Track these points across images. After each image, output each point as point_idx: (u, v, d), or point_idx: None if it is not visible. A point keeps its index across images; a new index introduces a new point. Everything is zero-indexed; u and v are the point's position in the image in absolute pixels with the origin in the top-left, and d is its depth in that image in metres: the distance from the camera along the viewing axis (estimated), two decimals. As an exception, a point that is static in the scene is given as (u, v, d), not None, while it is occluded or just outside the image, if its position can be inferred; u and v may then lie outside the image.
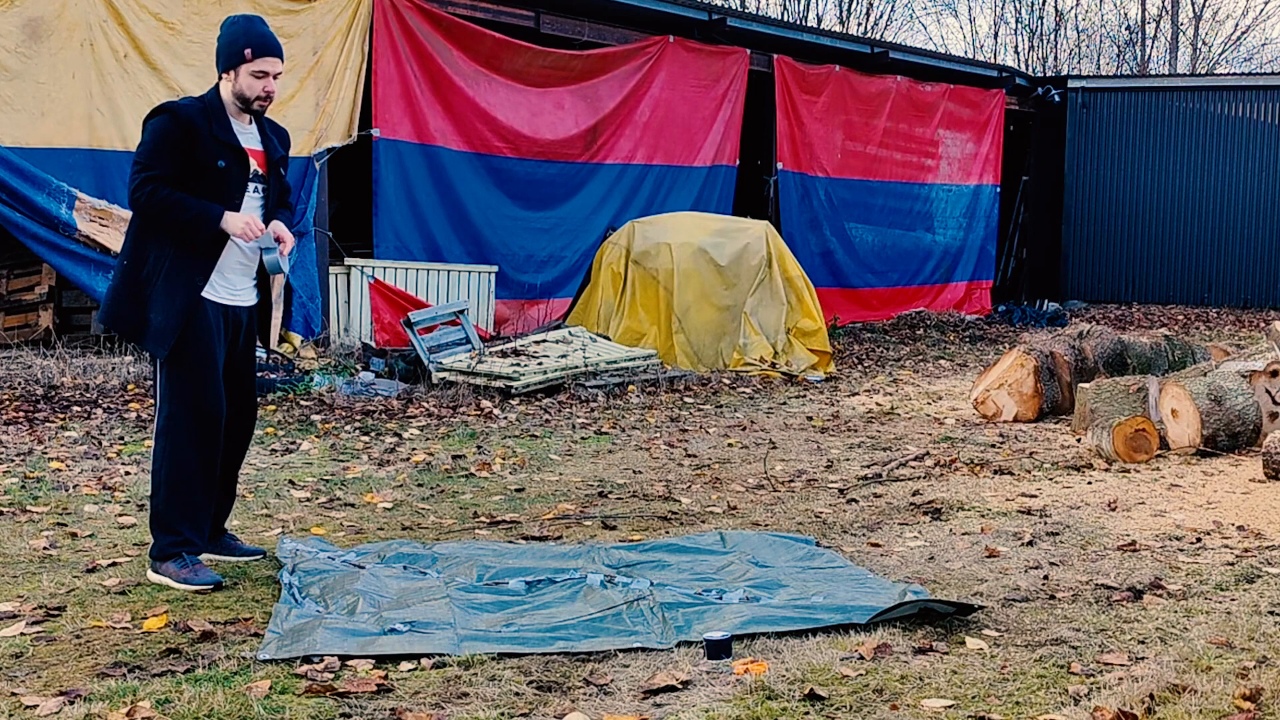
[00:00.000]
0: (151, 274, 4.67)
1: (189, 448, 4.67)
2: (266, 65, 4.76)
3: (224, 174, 4.69)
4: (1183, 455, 7.47)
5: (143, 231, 4.69)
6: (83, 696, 3.48)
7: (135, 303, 4.68)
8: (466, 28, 12.63)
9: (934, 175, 18.74)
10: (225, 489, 4.99)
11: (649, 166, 14.59)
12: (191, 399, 4.68)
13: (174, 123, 4.63)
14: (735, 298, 11.67)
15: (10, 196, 9.45)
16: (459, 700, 3.52)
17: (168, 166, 4.61)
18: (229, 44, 4.76)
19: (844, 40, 18.27)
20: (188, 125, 4.63)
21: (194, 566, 4.63)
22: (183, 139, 4.62)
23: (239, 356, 4.92)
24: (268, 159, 4.87)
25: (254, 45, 4.74)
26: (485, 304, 12.74)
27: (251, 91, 4.75)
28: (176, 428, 4.66)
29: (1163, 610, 4.41)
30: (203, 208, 4.63)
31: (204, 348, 4.69)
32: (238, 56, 4.73)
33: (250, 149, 4.81)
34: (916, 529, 5.69)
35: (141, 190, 4.60)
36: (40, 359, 9.79)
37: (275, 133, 4.99)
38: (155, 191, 4.59)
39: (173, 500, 4.67)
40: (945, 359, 13.58)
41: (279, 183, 4.94)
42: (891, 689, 3.61)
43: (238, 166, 4.74)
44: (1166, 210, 21.12)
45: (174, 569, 4.62)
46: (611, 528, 5.70)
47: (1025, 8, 39.61)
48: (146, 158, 4.62)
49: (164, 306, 4.64)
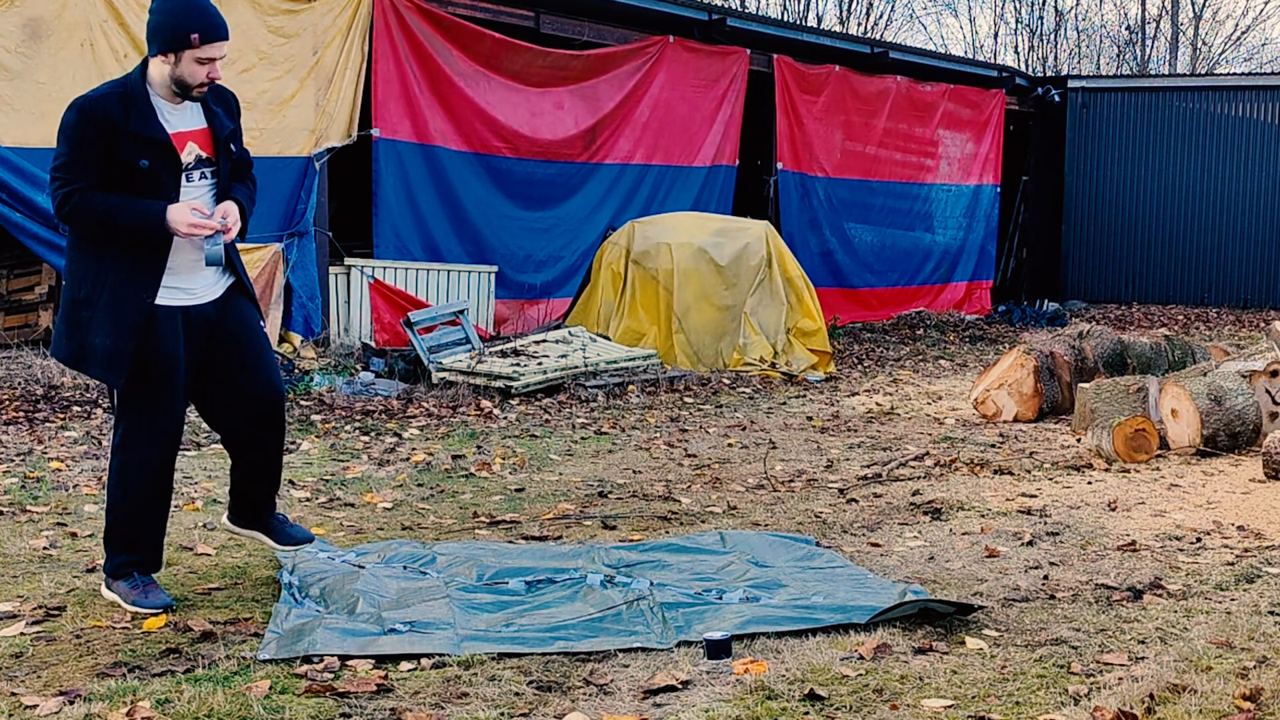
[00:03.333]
0: (92, 294, 4.21)
1: (144, 467, 4.32)
2: (214, 51, 4.19)
3: (147, 174, 4.18)
4: (1183, 455, 7.47)
5: (76, 248, 4.25)
6: (83, 696, 3.48)
7: (75, 327, 4.23)
8: (466, 28, 12.63)
9: (934, 175, 18.73)
10: (269, 476, 4.61)
11: (649, 166, 14.59)
12: (146, 419, 4.30)
13: (87, 122, 4.13)
14: (735, 298, 11.67)
15: (10, 196, 9.44)
16: (459, 700, 3.52)
17: (88, 172, 4.14)
18: (170, 24, 4.15)
19: (844, 40, 18.27)
20: (103, 122, 4.12)
21: (144, 587, 4.35)
22: (99, 138, 4.12)
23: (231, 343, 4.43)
24: (214, 137, 4.33)
25: (201, 29, 4.15)
26: (485, 304, 12.74)
27: (194, 79, 4.20)
28: (131, 445, 4.31)
29: (1163, 610, 4.41)
30: (141, 208, 4.15)
31: (161, 366, 4.26)
32: (181, 40, 4.14)
33: (187, 131, 4.28)
34: (916, 529, 5.69)
35: (67, 204, 4.14)
36: (40, 359, 9.78)
37: (221, 103, 4.40)
38: (83, 202, 4.13)
39: (126, 518, 4.36)
40: (945, 359, 13.58)
41: (229, 161, 4.40)
42: (891, 689, 3.61)
43: (164, 162, 4.21)
44: (1166, 210, 21.12)
45: (125, 588, 4.34)
46: (611, 528, 5.70)
47: (1025, 8, 39.62)
48: (63, 169, 4.14)
49: (110, 329, 4.19)
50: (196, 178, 4.31)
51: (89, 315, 4.22)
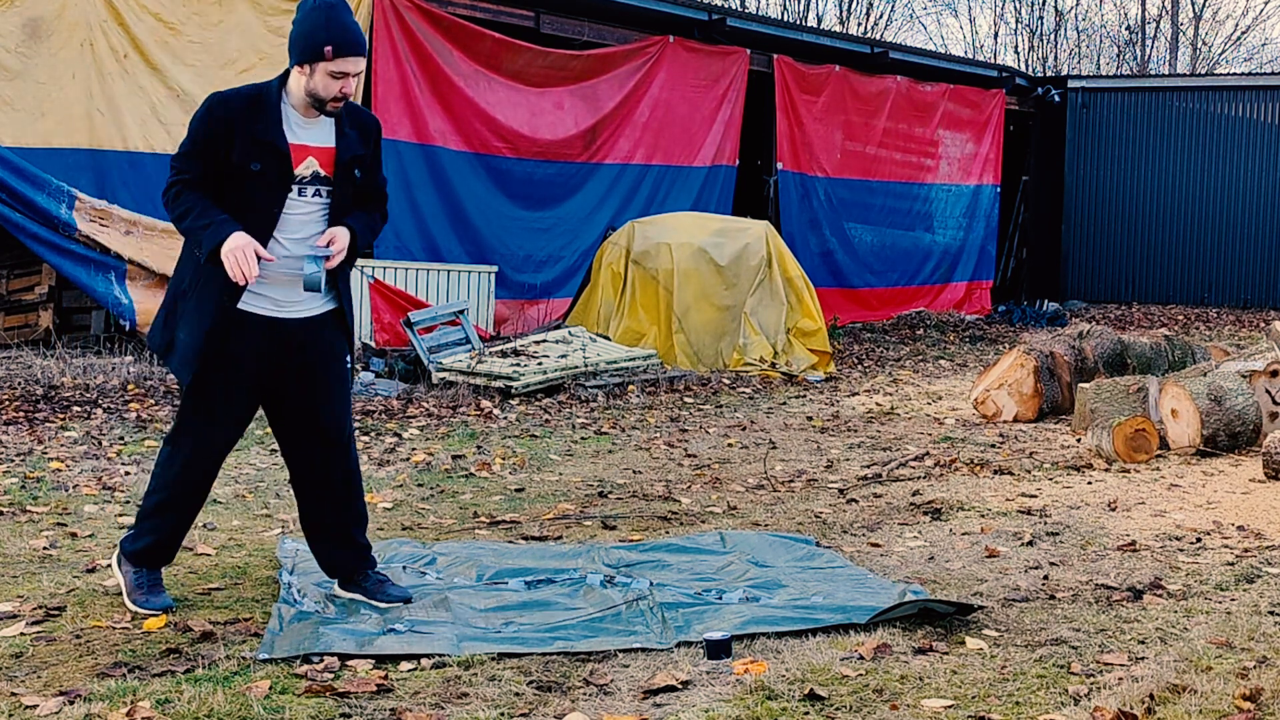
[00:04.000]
0: (188, 289, 4.22)
1: (188, 467, 4.29)
2: (348, 66, 4.13)
3: (257, 178, 4.14)
4: (1183, 455, 7.47)
5: (186, 243, 4.25)
6: (83, 696, 3.48)
7: (171, 317, 4.25)
8: (466, 28, 12.63)
9: (934, 175, 18.74)
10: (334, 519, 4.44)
11: (648, 166, 14.59)
12: (203, 423, 4.25)
13: (210, 117, 4.14)
14: (735, 298, 11.68)
15: (10, 196, 9.44)
16: (459, 700, 3.52)
17: (197, 167, 4.15)
18: (307, 35, 4.12)
19: (844, 40, 18.28)
20: (223, 121, 4.13)
21: (150, 586, 4.32)
22: (218, 135, 4.12)
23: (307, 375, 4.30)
24: (336, 158, 4.25)
25: (336, 42, 4.10)
26: (485, 304, 12.73)
27: (327, 93, 4.15)
28: (181, 443, 4.29)
29: (1163, 610, 4.41)
30: (212, 220, 4.10)
31: (229, 374, 4.21)
32: (315, 53, 4.10)
33: (311, 146, 4.22)
34: (916, 529, 5.68)
35: (167, 194, 4.19)
36: (40, 359, 9.78)
37: (357, 126, 4.34)
38: (178, 195, 4.16)
39: (156, 505, 4.34)
40: (945, 359, 13.58)
41: (350, 186, 4.30)
42: (891, 689, 3.61)
43: (276, 170, 4.16)
44: (1166, 210, 21.12)
45: (131, 581, 4.33)
46: (611, 528, 5.70)
47: (1025, 8, 39.63)
48: (178, 158, 4.19)
49: (192, 324, 4.18)
50: (310, 194, 4.24)
51: (182, 309, 4.22)
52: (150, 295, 10.05)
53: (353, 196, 4.34)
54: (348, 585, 4.48)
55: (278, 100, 4.20)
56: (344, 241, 4.22)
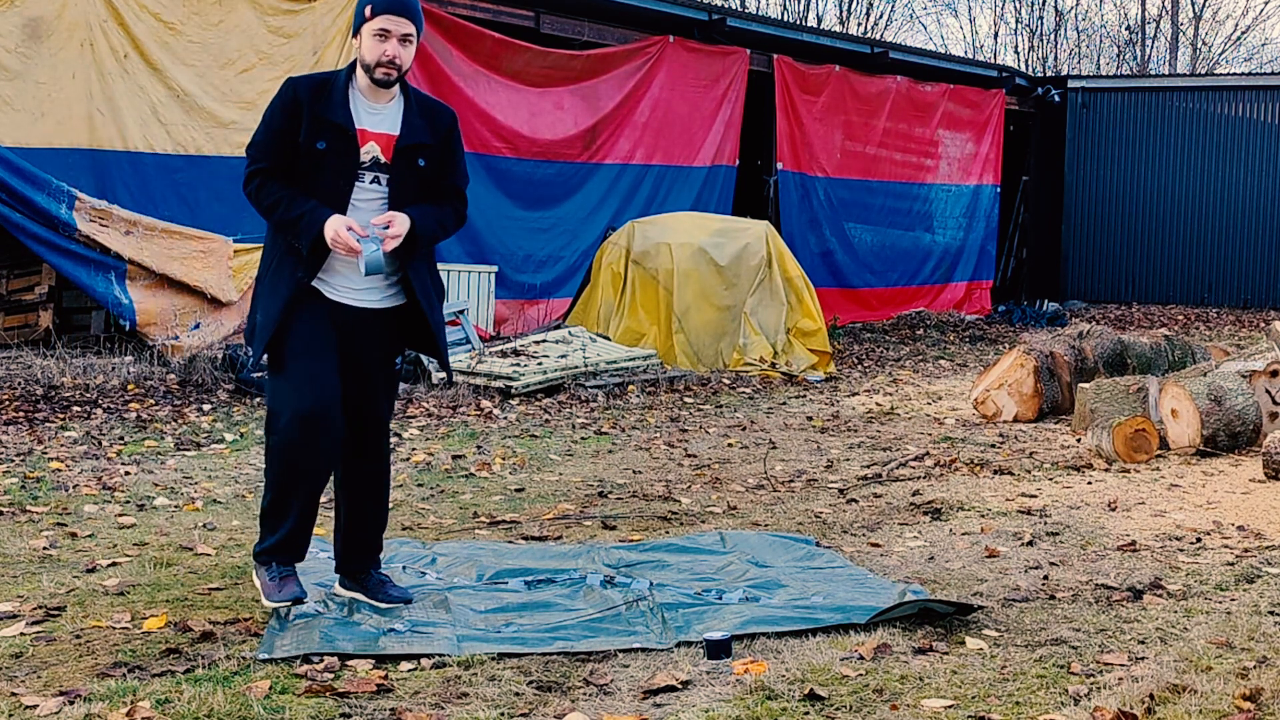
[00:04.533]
0: (264, 273, 4.24)
1: (285, 450, 4.16)
2: (388, 24, 4.07)
3: (322, 157, 4.10)
4: (1183, 455, 7.47)
5: (268, 229, 4.26)
6: (83, 696, 3.48)
7: (255, 301, 4.25)
8: (466, 28, 12.63)
9: (934, 175, 18.74)
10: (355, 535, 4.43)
11: (648, 166, 14.59)
12: (289, 398, 4.13)
13: (280, 102, 4.15)
14: (735, 298, 11.68)
15: (10, 196, 9.44)
16: (459, 700, 3.52)
17: (272, 152, 4.15)
18: (357, 5, 4.16)
19: (844, 40, 18.27)
20: (293, 104, 4.12)
21: (281, 580, 4.25)
22: (287, 120, 4.13)
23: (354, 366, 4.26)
24: (396, 144, 4.19)
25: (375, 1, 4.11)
26: (485, 304, 12.73)
27: (372, 56, 4.09)
28: (273, 426, 4.19)
29: (1163, 610, 4.41)
30: (307, 208, 4.09)
31: (304, 342, 4.14)
32: (360, 15, 4.10)
33: (374, 132, 4.17)
34: (916, 529, 5.69)
35: (249, 185, 4.19)
36: (40, 359, 9.77)
37: (426, 115, 4.28)
38: (261, 187, 4.15)
39: (270, 503, 4.26)
40: (945, 359, 13.58)
41: (413, 176, 4.23)
42: (891, 689, 3.61)
43: (341, 150, 4.12)
44: (1166, 210, 21.12)
45: (264, 578, 4.27)
46: (611, 528, 5.70)
47: (1025, 8, 39.63)
48: (254, 145, 4.19)
49: (267, 303, 4.18)
50: (368, 180, 4.19)
51: (259, 292, 4.24)
52: (150, 295, 10.05)
53: (418, 189, 4.26)
54: (348, 584, 4.47)
55: (345, 83, 4.19)
56: (402, 226, 4.11)
